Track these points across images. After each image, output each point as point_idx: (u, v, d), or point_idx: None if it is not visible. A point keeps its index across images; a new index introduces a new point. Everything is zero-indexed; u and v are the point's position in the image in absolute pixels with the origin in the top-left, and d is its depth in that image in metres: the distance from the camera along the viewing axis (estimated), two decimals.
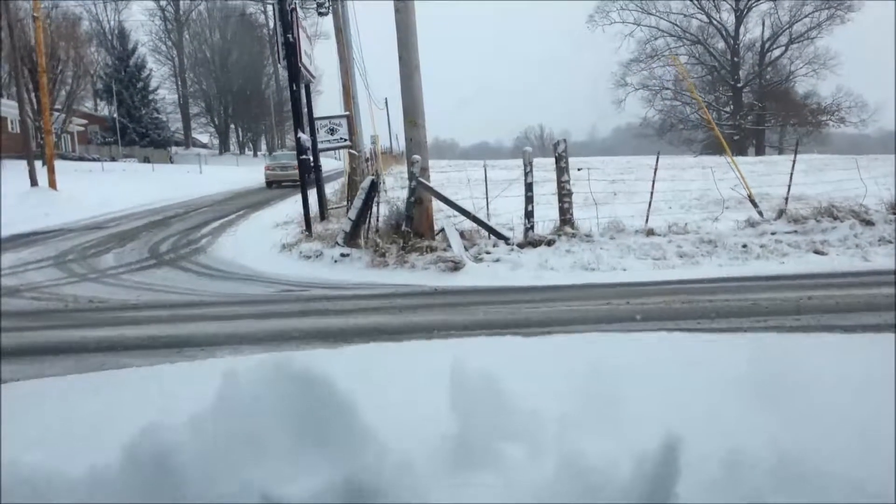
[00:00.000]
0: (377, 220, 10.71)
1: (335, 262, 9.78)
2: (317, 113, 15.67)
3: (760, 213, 10.74)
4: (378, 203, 10.82)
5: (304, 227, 12.20)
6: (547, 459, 1.72)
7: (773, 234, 9.78)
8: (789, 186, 11.41)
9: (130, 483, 1.67)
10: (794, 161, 11.79)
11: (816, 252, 9.13)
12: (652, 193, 11.13)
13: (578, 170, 12.63)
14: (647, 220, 10.48)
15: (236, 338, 5.24)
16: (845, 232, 9.63)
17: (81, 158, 45.03)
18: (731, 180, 11.87)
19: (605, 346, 3.37)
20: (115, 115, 57.37)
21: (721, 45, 62.07)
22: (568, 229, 9.90)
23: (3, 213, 16.35)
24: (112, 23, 64.68)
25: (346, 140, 15.53)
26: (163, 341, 5.26)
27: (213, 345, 4.98)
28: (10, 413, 2.65)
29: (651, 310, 5.86)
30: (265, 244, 11.74)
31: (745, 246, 9.31)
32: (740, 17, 60.26)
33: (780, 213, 10.48)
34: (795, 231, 9.82)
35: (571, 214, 10.16)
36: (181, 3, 69.44)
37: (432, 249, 9.38)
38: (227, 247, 12.02)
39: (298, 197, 12.68)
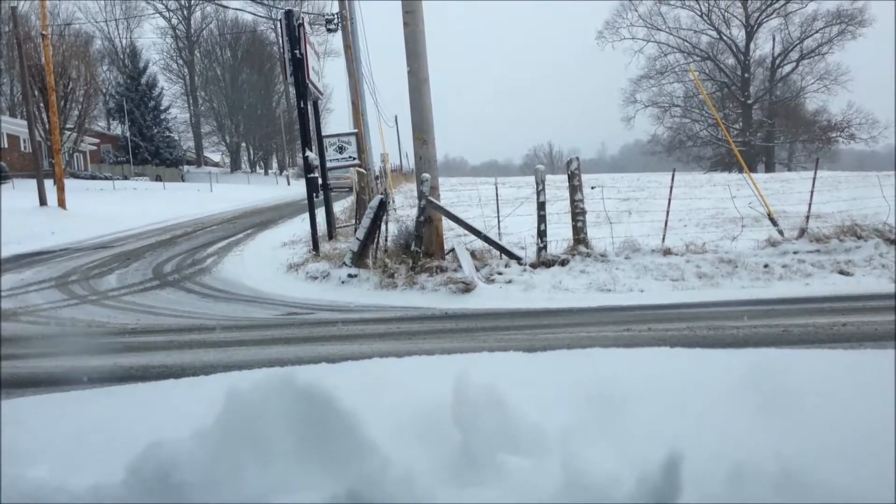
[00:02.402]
0: (386, 240, 10.43)
1: (342, 282, 9.51)
2: (328, 130, 15.52)
3: (781, 232, 10.37)
4: (387, 222, 10.55)
5: (312, 247, 11.97)
6: (550, 473, 1.71)
7: (795, 253, 9.43)
8: (810, 204, 11.03)
9: (134, 499, 1.68)
10: (814, 178, 11.44)
11: (841, 272, 8.77)
12: (668, 212, 10.80)
13: (592, 188, 12.32)
14: (663, 239, 10.16)
15: (235, 368, 4.95)
16: (870, 251, 9.28)
17: (93, 177, 45.33)
18: (745, 198, 11.51)
19: (607, 361, 3.36)
20: (128, 134, 57.82)
21: (731, 61, 61.91)
22: (582, 249, 9.58)
23: (10, 232, 16.22)
24: (124, 41, 65.47)
25: (354, 158, 15.35)
26: (155, 372, 4.97)
27: (209, 376, 4.69)
28: (12, 428, 2.60)
29: (675, 337, 5.52)
30: (271, 264, 11.50)
31: (766, 266, 8.96)
32: (751, 33, 60.08)
33: (802, 232, 10.11)
34: (818, 250, 9.46)
35: (585, 233, 9.85)
36: (192, 21, 70.14)
37: (442, 270, 9.09)
38: (233, 267, 11.76)
39: (307, 216, 12.45)
